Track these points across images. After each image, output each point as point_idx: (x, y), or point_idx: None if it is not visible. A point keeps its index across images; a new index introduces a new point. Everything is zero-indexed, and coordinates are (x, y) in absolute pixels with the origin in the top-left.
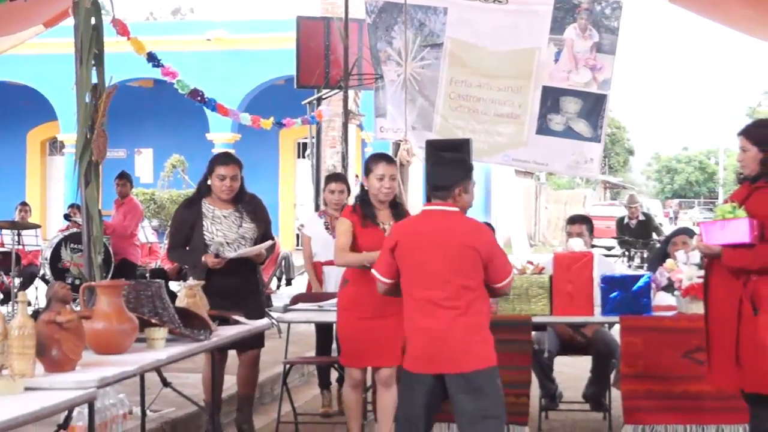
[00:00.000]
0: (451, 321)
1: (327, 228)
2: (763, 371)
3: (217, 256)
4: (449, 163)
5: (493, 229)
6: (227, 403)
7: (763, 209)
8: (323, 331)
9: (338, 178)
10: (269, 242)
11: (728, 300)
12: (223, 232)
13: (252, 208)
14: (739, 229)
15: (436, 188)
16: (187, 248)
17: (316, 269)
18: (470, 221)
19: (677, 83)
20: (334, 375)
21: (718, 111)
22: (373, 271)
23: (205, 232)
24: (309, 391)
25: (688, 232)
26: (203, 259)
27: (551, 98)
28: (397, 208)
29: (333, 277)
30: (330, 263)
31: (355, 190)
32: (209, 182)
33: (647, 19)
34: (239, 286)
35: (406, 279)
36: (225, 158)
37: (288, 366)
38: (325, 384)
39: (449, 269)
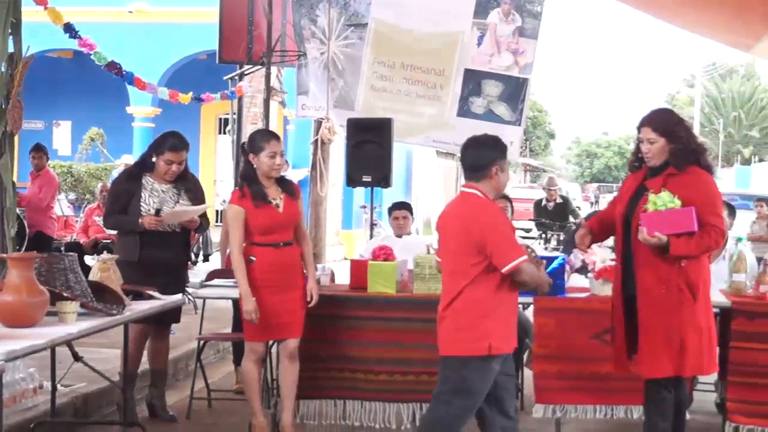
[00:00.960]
0: (444, 306)
1: None
2: (704, 354)
3: (157, 213)
4: (484, 143)
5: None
6: (140, 379)
7: (689, 195)
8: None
9: None
10: (205, 205)
11: (662, 287)
12: (160, 205)
13: (191, 187)
14: (684, 219)
15: (471, 168)
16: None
17: None
18: (480, 202)
19: (599, 69)
20: None
21: (638, 97)
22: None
23: (142, 203)
24: (224, 368)
25: None
26: (140, 220)
27: (473, 81)
28: (283, 182)
29: None
30: None
31: None
32: (154, 160)
33: (570, 4)
34: (172, 259)
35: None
36: (177, 145)
37: (202, 342)
38: (239, 361)
39: (452, 252)
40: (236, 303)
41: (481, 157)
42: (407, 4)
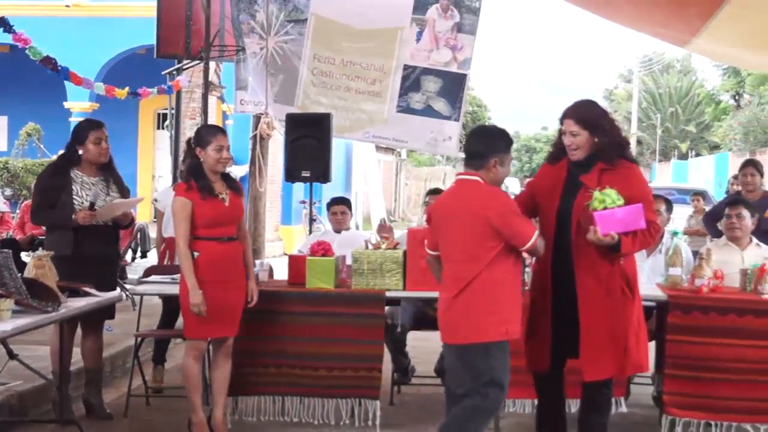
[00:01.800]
0: (458, 291)
1: None
2: (642, 351)
3: (91, 207)
4: (488, 133)
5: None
6: (77, 377)
7: (626, 191)
8: (169, 303)
9: None
10: (140, 197)
11: (603, 289)
12: (92, 198)
13: (115, 178)
14: (635, 217)
15: (470, 155)
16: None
17: (170, 244)
18: (486, 188)
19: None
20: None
21: (576, 93)
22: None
23: (75, 197)
24: (165, 364)
25: None
26: (74, 216)
27: (412, 77)
28: (228, 178)
29: None
30: None
31: None
32: (80, 151)
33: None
34: (104, 255)
35: (440, 250)
36: (97, 123)
37: (139, 339)
38: (160, 359)
39: (462, 239)
40: (167, 300)
41: (483, 147)
42: (347, 1)
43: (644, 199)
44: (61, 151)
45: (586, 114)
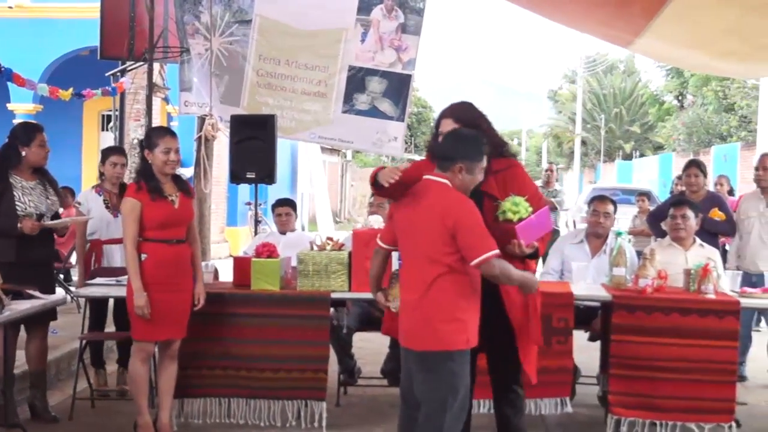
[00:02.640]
0: (418, 295)
1: (107, 206)
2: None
3: (39, 218)
4: (460, 137)
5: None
6: (21, 380)
7: (519, 190)
8: (98, 306)
9: (119, 151)
10: (86, 217)
11: (521, 292)
12: (35, 203)
13: (50, 181)
14: (545, 221)
15: (439, 157)
16: None
17: (96, 248)
18: (452, 194)
19: (482, 64)
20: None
21: (522, 93)
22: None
23: (17, 203)
24: (107, 367)
25: None
26: (20, 225)
27: (357, 78)
28: (179, 180)
29: (116, 255)
30: (112, 242)
31: None
32: (23, 153)
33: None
34: (46, 258)
35: (399, 248)
36: (39, 126)
37: (84, 342)
38: (99, 362)
39: (423, 240)
40: (94, 302)
41: (450, 150)
42: (291, 1)
43: (537, 194)
44: None
45: (464, 113)
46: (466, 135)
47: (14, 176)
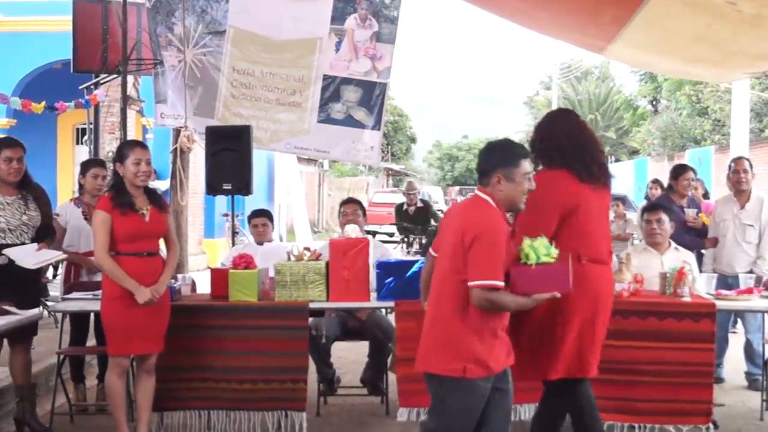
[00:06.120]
0: (431, 312)
1: (86, 218)
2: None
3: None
4: (490, 148)
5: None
6: (5, 394)
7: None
8: (79, 320)
9: (100, 163)
10: (63, 255)
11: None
12: (6, 218)
13: (37, 196)
14: (559, 278)
15: (479, 173)
16: None
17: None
18: (483, 208)
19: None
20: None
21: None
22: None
23: None
24: (87, 382)
25: None
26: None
27: (332, 87)
28: (152, 194)
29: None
30: (89, 254)
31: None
32: None
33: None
34: (25, 273)
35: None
36: (9, 141)
37: (62, 357)
38: (79, 377)
39: (444, 257)
40: (77, 318)
41: (484, 163)
42: (265, 12)
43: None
44: None
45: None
46: (495, 144)
47: None
